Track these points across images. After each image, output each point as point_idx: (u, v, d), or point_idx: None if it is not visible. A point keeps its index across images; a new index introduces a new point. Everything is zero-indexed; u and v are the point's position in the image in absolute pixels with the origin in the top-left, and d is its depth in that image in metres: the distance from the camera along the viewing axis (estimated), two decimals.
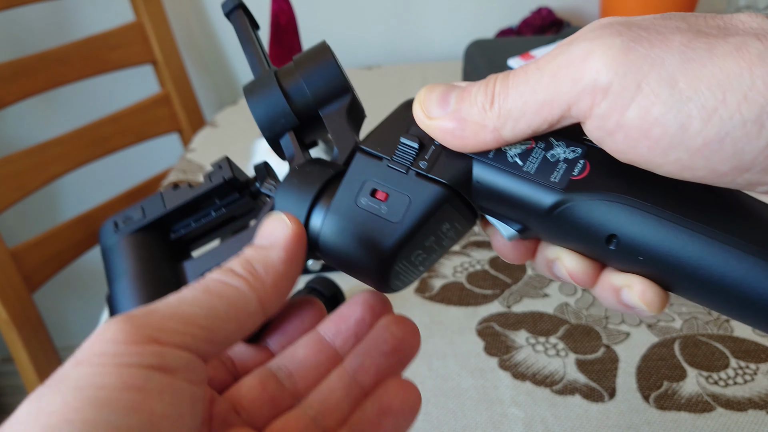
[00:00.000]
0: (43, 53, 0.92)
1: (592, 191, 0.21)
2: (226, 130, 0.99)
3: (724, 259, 0.19)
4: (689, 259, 0.20)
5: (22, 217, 1.26)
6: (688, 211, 0.20)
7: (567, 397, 0.49)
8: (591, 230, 0.21)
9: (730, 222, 0.20)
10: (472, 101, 0.21)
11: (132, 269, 0.27)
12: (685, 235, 0.20)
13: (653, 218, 0.20)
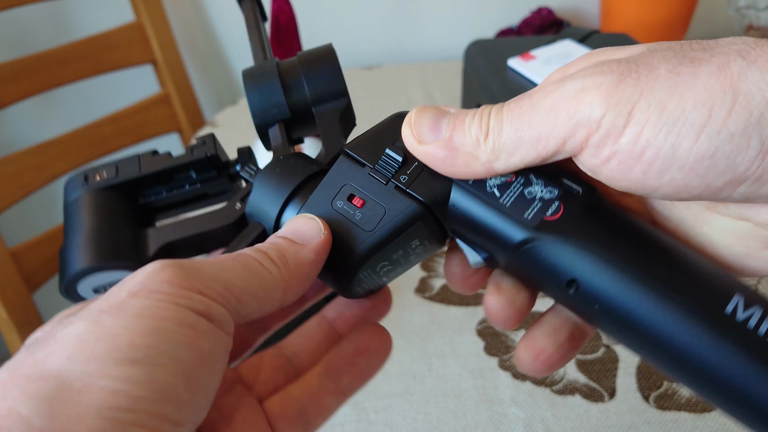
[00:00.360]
0: (43, 53, 0.92)
1: (561, 234, 0.21)
2: (226, 130, 0.99)
3: (677, 322, 0.20)
4: (643, 315, 0.20)
5: (22, 217, 1.26)
6: (651, 268, 0.20)
7: (567, 397, 0.49)
8: (554, 272, 0.21)
9: (690, 286, 0.20)
10: (466, 131, 0.22)
11: (93, 225, 0.27)
12: (643, 292, 0.20)
13: (616, 270, 0.20)
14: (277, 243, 0.23)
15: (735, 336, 0.19)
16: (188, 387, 0.18)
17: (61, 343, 0.18)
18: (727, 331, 0.19)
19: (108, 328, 0.18)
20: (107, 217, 0.27)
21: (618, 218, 0.22)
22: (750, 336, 0.19)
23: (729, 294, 0.20)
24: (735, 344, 0.19)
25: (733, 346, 0.19)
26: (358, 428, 0.48)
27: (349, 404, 0.50)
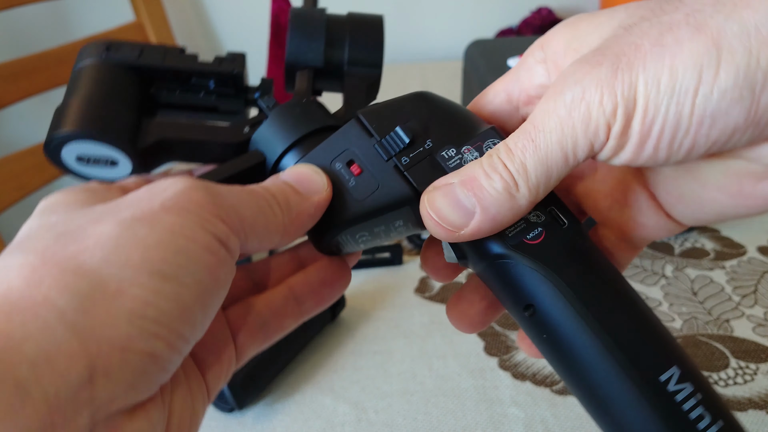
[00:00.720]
0: (43, 53, 0.92)
1: (535, 260, 0.21)
2: None
3: (612, 377, 0.20)
4: (583, 359, 0.21)
5: (22, 217, 1.26)
6: (606, 318, 0.21)
7: (567, 397, 0.49)
8: (517, 291, 0.22)
9: (637, 346, 0.20)
10: (493, 193, 0.21)
11: (98, 94, 0.26)
12: (590, 339, 0.20)
13: (573, 311, 0.21)
14: (284, 189, 0.24)
15: (661, 405, 0.20)
16: (203, 310, 0.20)
17: (96, 242, 0.19)
18: (655, 399, 0.20)
19: (142, 239, 0.19)
20: (114, 92, 0.27)
21: (593, 261, 0.22)
22: (675, 409, 0.19)
23: (669, 363, 0.20)
24: (658, 413, 0.19)
25: (656, 414, 0.19)
26: (358, 428, 0.48)
27: (349, 404, 0.50)
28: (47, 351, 0.16)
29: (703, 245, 0.66)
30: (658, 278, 0.62)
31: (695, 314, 0.57)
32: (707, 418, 0.19)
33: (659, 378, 0.20)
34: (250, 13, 1.16)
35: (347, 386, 0.51)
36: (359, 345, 0.55)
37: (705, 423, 0.19)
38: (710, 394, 0.20)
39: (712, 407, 0.20)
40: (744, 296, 0.59)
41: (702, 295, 0.59)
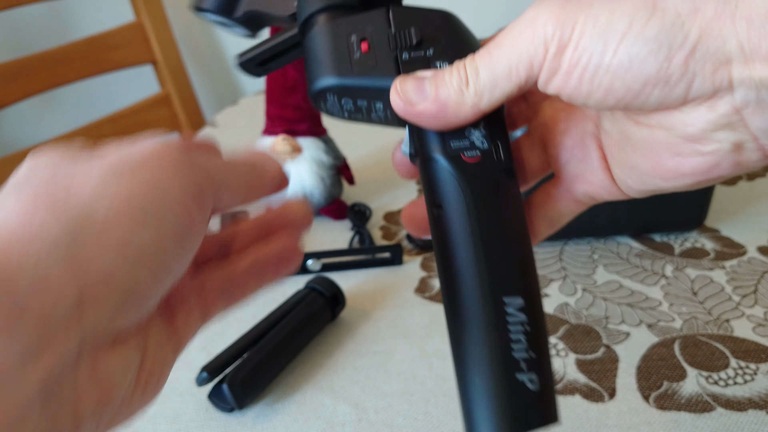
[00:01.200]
0: (43, 53, 0.92)
1: (459, 172, 0.25)
2: (226, 130, 0.99)
3: (471, 287, 0.24)
4: (458, 267, 0.24)
5: None
6: (491, 243, 0.24)
7: (567, 397, 0.49)
8: (435, 190, 0.26)
9: (502, 270, 0.24)
10: (448, 85, 0.25)
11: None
12: (469, 252, 0.24)
13: (468, 224, 0.24)
14: (249, 155, 0.27)
15: (494, 318, 0.23)
16: (181, 249, 0.21)
17: (84, 182, 0.20)
18: (494, 312, 0.23)
19: (127, 180, 0.21)
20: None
21: (505, 199, 0.25)
22: (503, 326, 0.23)
23: (518, 294, 0.24)
24: (490, 321, 0.23)
25: (488, 321, 0.23)
26: (358, 428, 0.48)
27: (349, 404, 0.50)
28: (41, 278, 0.18)
29: (703, 245, 0.66)
30: (658, 278, 0.62)
31: (695, 314, 0.57)
32: (522, 344, 0.23)
33: (504, 299, 0.23)
34: None
35: (347, 386, 0.51)
36: (359, 345, 0.55)
37: (519, 347, 0.23)
38: (537, 334, 0.23)
39: (532, 340, 0.23)
40: (744, 296, 0.59)
41: (702, 295, 0.59)
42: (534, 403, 0.23)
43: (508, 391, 0.22)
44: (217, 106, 1.25)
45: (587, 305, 0.59)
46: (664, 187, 0.25)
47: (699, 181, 0.24)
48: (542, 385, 0.23)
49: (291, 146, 0.68)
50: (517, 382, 0.23)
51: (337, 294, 0.57)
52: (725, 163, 0.22)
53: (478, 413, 0.23)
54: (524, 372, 0.23)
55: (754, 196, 0.74)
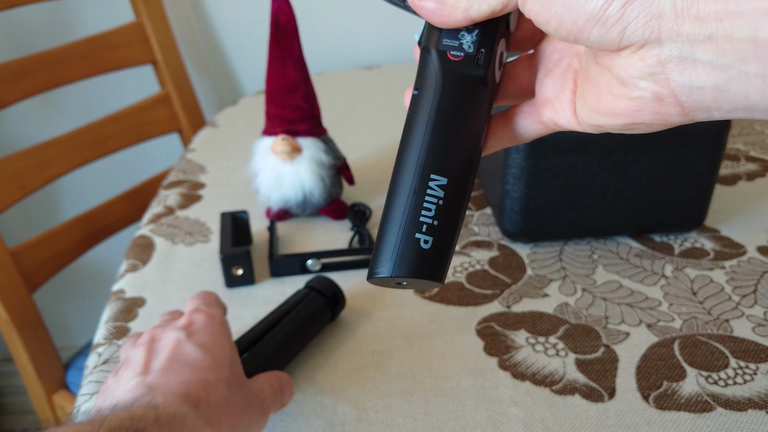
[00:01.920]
0: (43, 53, 0.92)
1: (441, 66, 0.29)
2: (226, 130, 0.99)
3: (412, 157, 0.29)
4: (410, 139, 0.29)
5: (22, 217, 1.26)
6: (442, 128, 0.29)
7: (567, 396, 0.49)
8: (420, 75, 0.30)
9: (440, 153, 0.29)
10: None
11: None
12: (422, 128, 0.29)
13: (429, 107, 0.29)
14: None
15: (416, 186, 0.28)
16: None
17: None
18: (420, 181, 0.28)
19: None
20: None
21: (471, 99, 0.29)
22: (420, 194, 0.28)
23: (445, 175, 0.28)
24: (411, 187, 0.28)
25: (410, 186, 0.28)
26: (358, 428, 0.48)
27: (349, 404, 0.50)
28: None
29: (702, 245, 0.66)
30: (657, 278, 0.62)
31: (695, 314, 0.57)
32: (430, 213, 0.28)
33: (432, 175, 0.28)
34: (250, 13, 1.16)
35: (347, 386, 0.51)
36: (359, 345, 0.55)
37: (427, 214, 0.28)
38: (447, 210, 0.28)
39: (440, 213, 0.28)
40: (744, 296, 0.59)
41: (702, 295, 0.59)
42: (422, 258, 0.28)
43: (405, 242, 0.28)
44: (217, 106, 1.25)
45: (587, 305, 0.59)
46: (602, 124, 0.27)
47: (627, 123, 0.26)
48: (434, 248, 0.28)
49: (291, 146, 0.68)
50: (414, 238, 0.28)
51: (337, 294, 0.57)
52: (647, 110, 0.25)
53: (381, 255, 0.28)
54: (422, 233, 0.28)
55: (753, 196, 0.74)
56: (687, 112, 0.24)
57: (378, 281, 0.29)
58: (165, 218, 0.76)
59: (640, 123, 0.26)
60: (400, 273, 0.28)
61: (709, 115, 0.24)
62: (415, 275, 0.28)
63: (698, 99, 0.23)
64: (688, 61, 0.22)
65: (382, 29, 1.19)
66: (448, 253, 0.29)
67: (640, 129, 0.27)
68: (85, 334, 1.38)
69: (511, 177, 0.62)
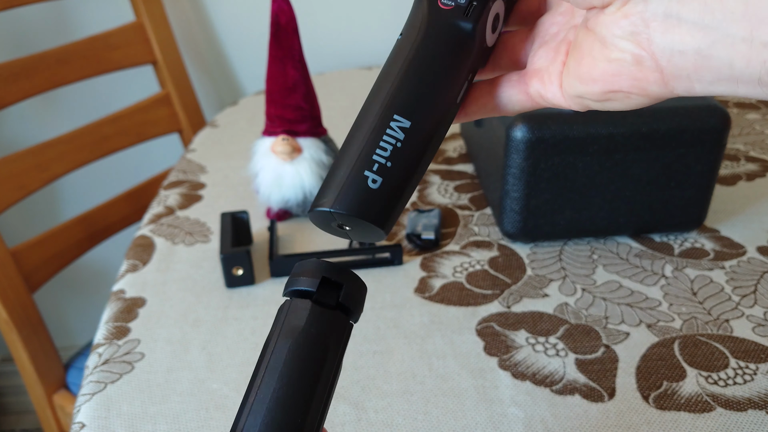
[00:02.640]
0: (43, 53, 0.92)
1: (429, 10, 0.29)
2: (226, 130, 0.99)
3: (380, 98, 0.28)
4: (383, 80, 0.28)
5: (22, 217, 1.26)
6: (414, 71, 0.28)
7: (567, 396, 0.50)
8: (407, 19, 0.29)
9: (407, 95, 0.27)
10: None
11: None
12: (394, 71, 0.28)
13: (407, 51, 0.28)
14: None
15: (378, 123, 0.27)
16: None
17: None
18: (380, 119, 0.27)
19: None
20: None
21: (447, 49, 0.28)
22: (379, 132, 0.27)
23: (409, 118, 0.27)
24: (373, 125, 0.27)
25: (373, 124, 0.27)
26: (358, 428, 0.48)
27: (349, 404, 0.50)
28: None
29: (702, 245, 0.66)
30: (657, 278, 0.62)
31: (695, 314, 0.57)
32: (385, 153, 0.26)
33: (395, 115, 0.27)
34: (250, 13, 1.16)
35: (347, 386, 0.51)
36: (359, 345, 0.56)
37: (381, 153, 0.26)
38: (405, 154, 0.27)
39: (397, 155, 0.26)
40: (744, 296, 0.59)
41: (702, 295, 0.59)
42: (366, 197, 0.26)
43: (352, 177, 0.26)
44: (217, 106, 1.25)
45: (587, 305, 0.59)
46: (581, 92, 0.26)
47: (604, 90, 0.25)
48: (382, 190, 0.26)
49: (291, 146, 0.68)
50: (362, 175, 0.26)
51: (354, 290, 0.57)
52: (625, 75, 0.24)
53: (326, 189, 0.27)
54: (373, 171, 0.26)
55: (753, 196, 0.74)
56: (667, 81, 0.23)
57: (318, 218, 0.27)
58: (165, 218, 0.76)
59: (618, 90, 0.25)
60: (339, 208, 0.26)
61: (690, 86, 0.23)
62: (355, 214, 0.26)
63: (679, 65, 0.22)
64: (672, 19, 0.22)
65: (382, 29, 1.19)
66: (396, 201, 0.27)
67: (618, 100, 0.25)
68: (85, 334, 1.38)
69: (511, 177, 0.62)
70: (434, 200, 0.76)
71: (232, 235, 0.65)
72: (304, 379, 0.26)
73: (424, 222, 0.70)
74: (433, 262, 0.65)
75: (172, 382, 0.53)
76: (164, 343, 0.57)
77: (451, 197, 0.76)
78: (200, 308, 0.61)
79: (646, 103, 0.25)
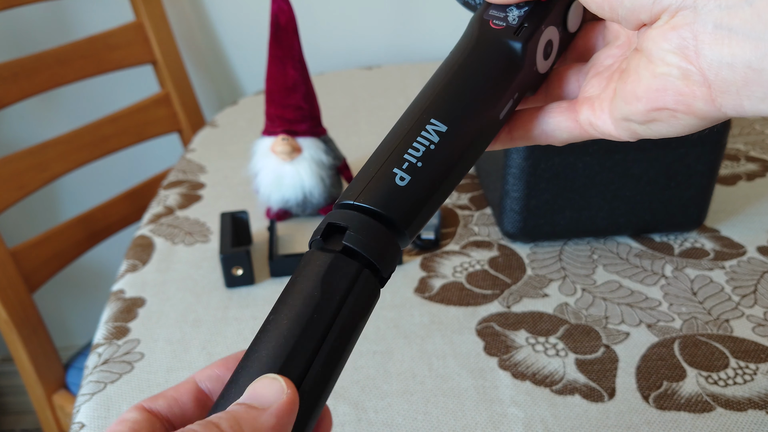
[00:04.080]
0: (43, 53, 0.92)
1: (480, 29, 0.29)
2: (226, 130, 0.99)
3: (422, 101, 0.28)
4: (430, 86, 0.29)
5: (22, 217, 1.26)
6: (454, 86, 0.28)
7: (567, 397, 0.49)
8: (460, 40, 0.30)
9: (446, 100, 0.27)
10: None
11: None
12: (440, 81, 0.28)
13: (453, 60, 0.28)
14: (234, 412, 0.23)
15: (414, 125, 0.27)
16: None
17: None
18: (417, 121, 0.27)
19: None
20: None
21: (494, 66, 0.28)
22: (414, 134, 0.26)
23: (445, 122, 0.27)
24: (408, 127, 0.27)
25: (406, 126, 0.27)
26: (358, 428, 0.48)
27: (349, 404, 0.50)
28: None
29: (702, 245, 0.66)
30: (657, 278, 0.62)
31: (695, 314, 0.57)
32: (417, 153, 0.26)
33: (432, 119, 0.27)
34: (250, 13, 1.16)
35: (347, 386, 0.51)
36: (359, 345, 0.55)
37: (413, 153, 0.26)
38: (438, 158, 0.26)
39: (429, 157, 0.26)
40: (744, 296, 0.59)
41: (702, 295, 0.59)
42: (391, 194, 0.25)
43: (380, 173, 0.26)
44: (217, 106, 1.25)
45: (587, 305, 0.59)
46: (626, 113, 0.26)
47: (649, 108, 0.24)
48: (410, 189, 0.26)
49: (291, 146, 0.68)
50: (390, 171, 0.26)
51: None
52: (671, 90, 0.23)
53: (352, 185, 0.26)
54: (402, 170, 0.26)
55: (753, 196, 0.74)
56: (714, 98, 0.23)
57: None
58: (165, 218, 0.76)
59: (663, 107, 0.24)
60: (364, 201, 0.25)
61: (739, 103, 0.22)
62: (380, 208, 0.25)
63: (728, 79, 0.22)
64: (722, 31, 0.21)
65: (382, 29, 1.19)
66: (422, 205, 0.26)
67: (664, 120, 0.25)
68: (85, 334, 1.38)
69: (511, 177, 0.62)
70: None
71: (231, 235, 0.65)
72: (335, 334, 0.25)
73: None
74: (433, 262, 0.65)
75: (172, 382, 0.53)
76: (164, 343, 0.57)
77: (451, 197, 0.76)
78: (200, 308, 0.61)
79: (695, 126, 0.25)
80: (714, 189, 0.64)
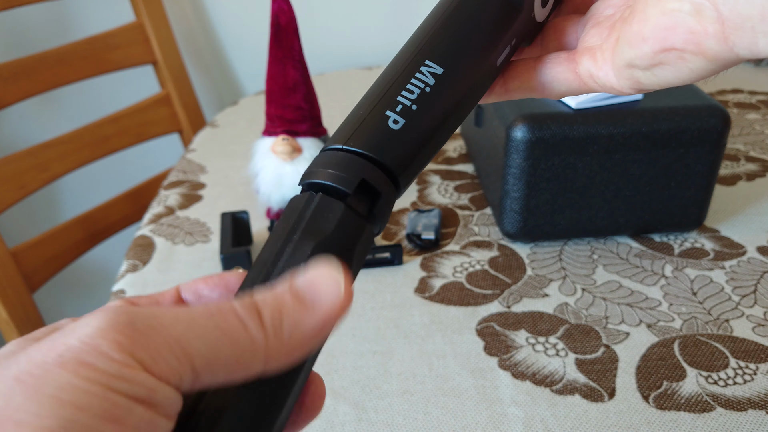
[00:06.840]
0: (43, 53, 0.92)
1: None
2: (226, 130, 0.99)
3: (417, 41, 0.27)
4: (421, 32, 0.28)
5: (22, 217, 1.26)
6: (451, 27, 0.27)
7: (567, 396, 0.50)
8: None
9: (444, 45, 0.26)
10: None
11: None
12: (436, 25, 0.27)
13: (452, 7, 0.27)
14: (279, 300, 0.20)
15: (409, 66, 0.25)
16: None
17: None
18: (411, 62, 0.25)
19: (14, 413, 0.16)
20: None
21: (491, 11, 0.27)
22: (408, 74, 0.25)
23: (441, 65, 0.25)
24: (403, 66, 0.26)
25: (399, 67, 0.26)
26: (358, 428, 0.48)
27: (349, 404, 0.50)
28: None
29: (702, 245, 0.66)
30: (657, 278, 0.62)
31: (695, 314, 0.57)
32: (411, 95, 0.25)
33: (426, 61, 0.25)
34: (250, 13, 1.16)
35: (347, 386, 0.52)
36: (359, 345, 0.56)
37: (407, 95, 0.25)
38: (433, 100, 0.25)
39: (423, 99, 0.25)
40: (744, 296, 0.59)
41: (702, 295, 0.59)
42: (384, 137, 0.24)
43: (372, 116, 0.24)
44: (217, 106, 1.25)
45: (587, 305, 0.59)
46: (630, 57, 0.24)
47: (656, 49, 0.23)
48: (403, 133, 0.24)
49: (291, 146, 0.68)
50: (383, 114, 0.24)
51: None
52: (681, 27, 0.22)
53: (342, 128, 0.25)
54: (395, 112, 0.24)
55: (753, 196, 0.74)
56: (727, 35, 0.21)
57: None
58: (165, 218, 0.76)
59: (671, 48, 0.22)
60: (354, 146, 0.23)
61: (754, 40, 0.20)
62: (373, 153, 0.23)
63: (743, 13, 0.20)
64: None
65: (382, 29, 1.19)
66: (417, 151, 0.24)
67: (671, 64, 0.23)
68: None
69: (511, 177, 0.62)
70: (434, 200, 0.76)
71: (232, 235, 0.65)
72: None
73: (424, 222, 0.70)
74: (433, 262, 0.65)
75: None
76: None
77: (451, 197, 0.76)
78: None
79: (703, 70, 0.23)
80: (714, 189, 0.64)
